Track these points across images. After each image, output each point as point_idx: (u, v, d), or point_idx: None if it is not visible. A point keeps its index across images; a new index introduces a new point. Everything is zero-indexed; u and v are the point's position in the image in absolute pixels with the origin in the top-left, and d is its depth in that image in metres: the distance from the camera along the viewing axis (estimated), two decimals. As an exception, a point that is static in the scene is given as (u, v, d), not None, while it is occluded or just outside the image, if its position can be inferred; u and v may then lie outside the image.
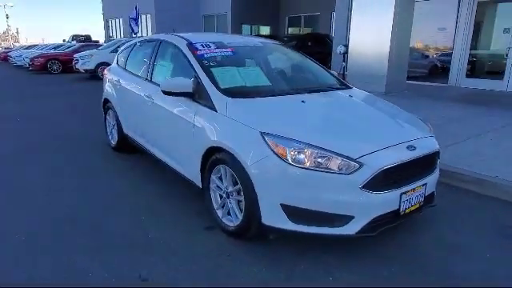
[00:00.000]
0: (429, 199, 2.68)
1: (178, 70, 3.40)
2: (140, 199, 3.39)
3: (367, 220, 2.28)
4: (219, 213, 2.81)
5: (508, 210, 3.23)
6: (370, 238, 2.44)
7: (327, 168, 2.24)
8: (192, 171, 3.04)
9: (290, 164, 2.25)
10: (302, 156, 2.26)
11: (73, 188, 3.63)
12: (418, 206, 2.52)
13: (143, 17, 23.58)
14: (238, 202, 2.64)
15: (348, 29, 15.46)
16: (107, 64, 13.95)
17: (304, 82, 3.39)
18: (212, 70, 3.06)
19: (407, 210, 2.45)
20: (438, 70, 11.29)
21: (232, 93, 2.85)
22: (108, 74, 4.77)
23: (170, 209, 3.20)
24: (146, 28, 23.47)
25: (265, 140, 2.35)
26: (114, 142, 4.77)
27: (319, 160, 2.25)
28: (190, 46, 3.33)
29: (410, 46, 9.85)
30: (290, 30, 21.77)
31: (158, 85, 3.48)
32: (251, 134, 2.43)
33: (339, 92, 3.31)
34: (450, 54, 10.73)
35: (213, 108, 2.79)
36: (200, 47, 3.31)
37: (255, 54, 3.64)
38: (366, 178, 2.22)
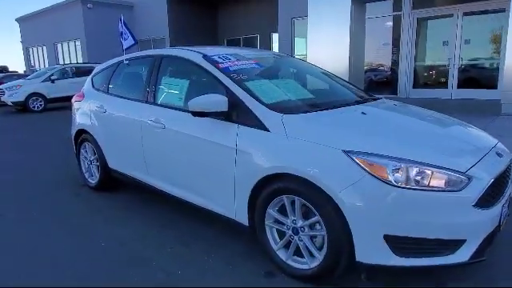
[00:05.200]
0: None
1: (197, 87, 2.88)
2: (161, 249, 2.74)
3: (478, 241, 1.97)
4: (281, 254, 2.31)
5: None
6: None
7: (434, 186, 1.90)
8: (233, 207, 2.51)
9: (393, 185, 1.87)
10: (404, 174, 1.90)
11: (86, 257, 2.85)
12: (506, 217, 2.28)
13: (71, 44, 21.97)
14: (312, 237, 2.18)
15: (293, 47, 15.90)
16: (40, 95, 12.58)
17: (339, 93, 3.06)
18: (246, 84, 2.60)
19: (502, 224, 2.19)
20: (386, 82, 11.85)
21: (281, 108, 2.41)
22: (82, 101, 4.00)
23: (202, 254, 2.61)
24: (75, 55, 21.84)
25: (352, 159, 1.95)
26: (93, 181, 3.98)
27: (424, 177, 1.90)
28: (207, 58, 2.85)
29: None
30: (230, 52, 21.75)
31: (169, 107, 2.95)
32: (331, 154, 2.02)
33: (383, 101, 3.03)
34: (396, 67, 11.34)
35: (262, 127, 2.32)
36: (219, 60, 2.84)
37: (279, 66, 3.25)
38: (479, 192, 1.92)
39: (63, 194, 3.94)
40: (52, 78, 12.65)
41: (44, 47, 24.04)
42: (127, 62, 3.62)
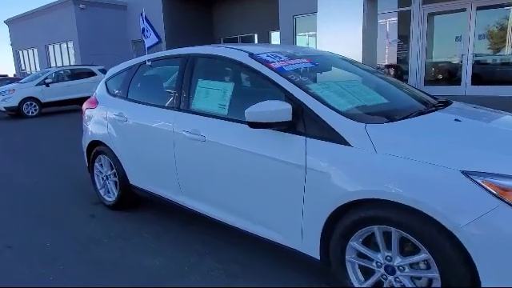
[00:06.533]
0: None
1: (244, 92, 2.45)
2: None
3: None
4: (369, 297, 1.88)
5: None
6: None
7: None
8: (298, 237, 2.07)
9: (539, 217, 1.45)
10: (550, 202, 1.48)
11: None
12: None
13: (63, 45, 21.27)
14: (412, 278, 1.75)
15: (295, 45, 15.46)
16: (34, 99, 11.98)
17: (406, 95, 2.62)
18: (310, 87, 2.16)
19: None
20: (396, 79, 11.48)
21: (359, 116, 1.98)
22: (95, 108, 3.52)
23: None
24: (67, 57, 21.16)
25: (478, 183, 1.52)
26: (111, 198, 3.51)
27: None
28: (255, 57, 2.40)
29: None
30: (228, 51, 21.23)
31: (210, 116, 2.48)
32: (445, 176, 1.58)
33: (461, 104, 2.61)
34: (405, 64, 10.99)
35: (340, 141, 1.89)
36: (270, 59, 2.40)
37: (332, 65, 2.81)
38: None
39: (76, 215, 3.46)
40: (46, 81, 12.06)
41: (35, 50, 23.29)
42: (150, 63, 3.15)
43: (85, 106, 3.73)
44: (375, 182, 1.73)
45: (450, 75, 10.45)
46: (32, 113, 11.79)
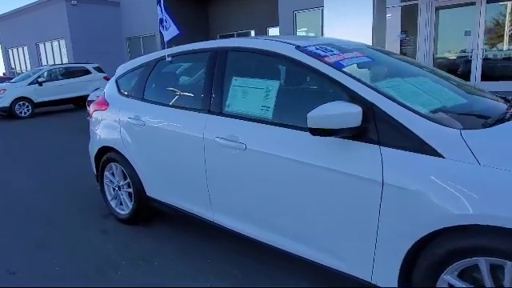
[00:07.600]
0: None
1: (294, 91, 2.08)
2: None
3: None
4: None
5: None
6: None
7: None
8: (368, 266, 1.72)
9: None
10: None
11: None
12: None
13: (55, 43, 20.62)
14: (529, 322, 1.41)
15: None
16: (27, 99, 11.45)
17: (478, 96, 2.27)
18: (378, 85, 1.81)
19: None
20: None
21: (446, 121, 1.62)
22: (105, 110, 3.12)
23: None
24: (59, 55, 20.54)
25: None
26: (124, 211, 3.12)
27: None
28: (304, 51, 2.03)
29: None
30: (224, 48, 20.80)
31: (251, 119, 2.11)
32: None
33: None
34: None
35: (427, 151, 1.53)
36: (321, 52, 2.03)
37: (383, 59, 2.44)
38: None
39: (86, 231, 3.07)
40: (39, 80, 11.54)
41: (25, 48, 22.60)
42: (170, 58, 2.76)
43: (92, 107, 3.33)
44: (483, 204, 1.38)
45: (459, 70, 10.18)
46: (25, 113, 11.28)
